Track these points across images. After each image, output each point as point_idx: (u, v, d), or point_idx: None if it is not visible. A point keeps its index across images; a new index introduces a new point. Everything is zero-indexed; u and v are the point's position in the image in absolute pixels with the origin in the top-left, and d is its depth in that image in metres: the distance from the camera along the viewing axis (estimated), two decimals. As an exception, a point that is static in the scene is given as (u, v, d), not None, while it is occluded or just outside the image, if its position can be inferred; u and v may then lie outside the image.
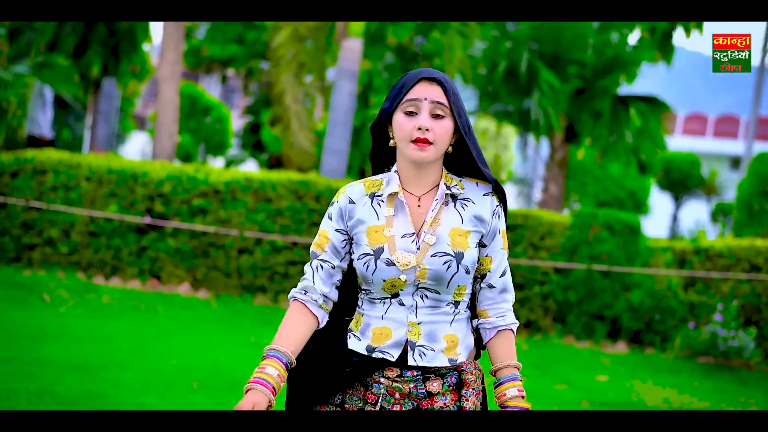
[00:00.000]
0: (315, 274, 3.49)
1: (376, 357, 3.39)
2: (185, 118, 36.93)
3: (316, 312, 3.49)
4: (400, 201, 3.45)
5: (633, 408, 10.17)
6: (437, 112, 3.38)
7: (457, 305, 3.44)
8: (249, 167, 37.67)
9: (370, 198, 3.49)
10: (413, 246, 3.39)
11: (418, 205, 3.45)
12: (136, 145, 47.39)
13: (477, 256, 3.43)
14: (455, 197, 3.47)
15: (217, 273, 14.22)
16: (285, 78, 19.01)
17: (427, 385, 3.37)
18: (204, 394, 8.58)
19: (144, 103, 53.67)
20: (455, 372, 3.41)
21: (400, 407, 3.38)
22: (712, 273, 14.32)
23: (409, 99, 3.39)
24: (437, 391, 3.37)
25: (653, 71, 21.30)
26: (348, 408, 3.42)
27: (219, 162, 40.69)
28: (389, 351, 3.39)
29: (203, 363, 9.92)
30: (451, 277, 3.36)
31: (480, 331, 3.55)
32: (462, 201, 3.46)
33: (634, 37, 19.13)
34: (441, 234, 3.39)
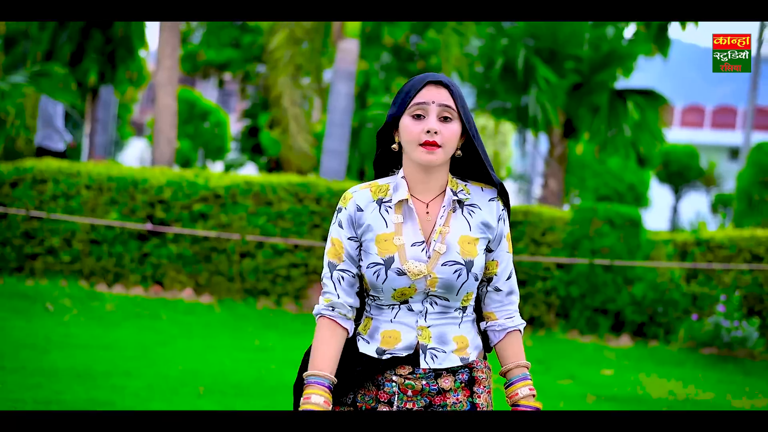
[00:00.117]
0: (338, 286, 3.47)
1: (386, 358, 3.39)
2: (183, 123, 36.95)
3: (345, 325, 3.48)
4: (408, 208, 3.44)
5: (638, 401, 10.19)
6: (445, 114, 3.38)
7: (465, 309, 3.46)
8: (248, 171, 37.69)
9: (377, 204, 3.46)
10: (423, 255, 3.38)
11: (426, 212, 3.44)
12: (134, 152, 47.43)
13: (483, 262, 3.44)
14: (462, 203, 3.46)
15: (220, 277, 14.23)
16: (282, 81, 19.00)
17: (440, 382, 3.38)
18: (210, 399, 8.59)
19: (141, 109, 53.71)
20: (466, 369, 3.43)
21: (413, 404, 3.38)
22: (713, 264, 14.33)
23: (417, 103, 3.39)
24: (449, 388, 3.39)
25: (650, 64, 21.31)
26: (360, 407, 3.42)
27: (218, 166, 40.70)
28: (399, 354, 3.39)
29: (208, 368, 9.93)
30: (462, 285, 3.37)
31: (488, 334, 3.56)
32: (469, 207, 3.46)
33: (629, 31, 19.12)
34: (450, 242, 3.39)
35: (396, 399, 3.39)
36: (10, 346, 10.07)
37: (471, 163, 3.53)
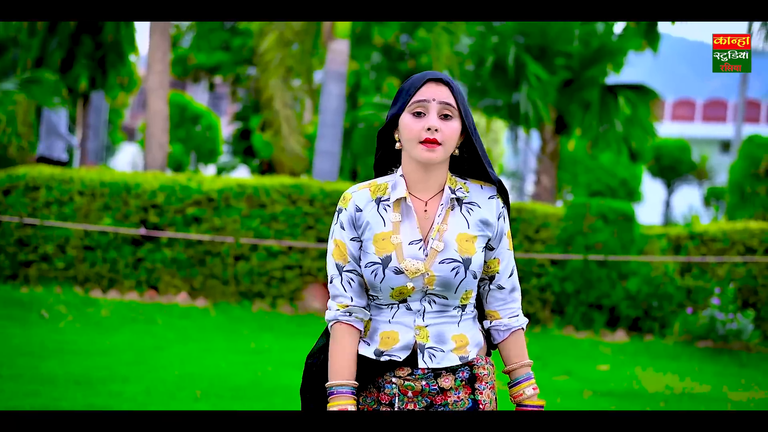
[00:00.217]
0: (349, 289, 3.45)
1: (384, 360, 3.37)
2: (174, 127, 36.93)
3: (360, 328, 3.46)
4: (407, 206, 3.42)
5: (635, 396, 10.21)
6: (445, 112, 3.37)
7: (464, 308, 3.43)
8: (240, 174, 37.68)
9: (376, 203, 3.45)
10: (421, 253, 3.37)
11: (424, 210, 3.43)
12: (126, 157, 47.37)
13: (483, 260, 3.42)
14: (460, 201, 3.45)
15: (215, 281, 14.23)
16: (273, 83, 19.02)
17: (439, 382, 3.37)
18: (207, 402, 8.60)
19: (132, 114, 53.65)
20: (466, 367, 3.41)
21: (414, 405, 3.37)
22: (707, 257, 14.36)
23: (417, 100, 3.38)
24: (450, 386, 3.37)
25: (639, 59, 21.34)
26: (362, 409, 3.41)
27: (210, 170, 40.69)
28: (397, 354, 3.37)
29: (205, 371, 9.94)
30: (460, 283, 3.36)
31: (492, 333, 3.55)
32: (467, 205, 3.44)
33: (619, 27, 19.15)
34: (448, 240, 3.38)
35: (396, 400, 3.37)
36: (6, 353, 10.07)
37: (470, 161, 3.52)
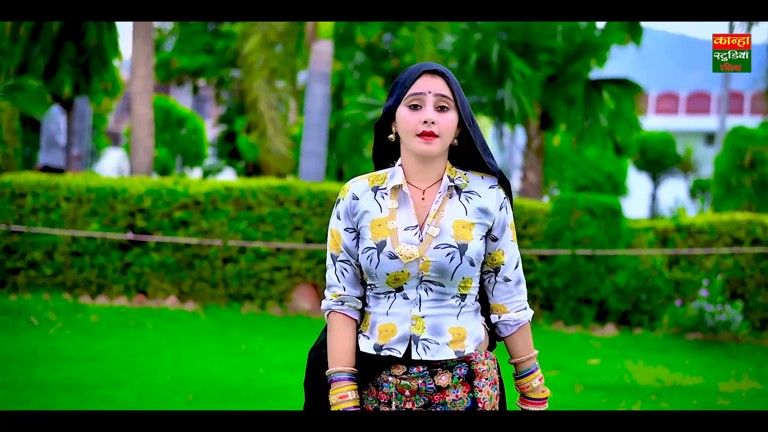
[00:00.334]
0: (342, 279, 3.48)
1: (384, 355, 3.36)
2: (159, 131, 36.89)
3: (355, 316, 3.47)
4: (403, 193, 3.42)
5: (626, 389, 10.23)
6: (441, 104, 3.36)
7: (464, 298, 3.39)
8: (226, 176, 37.65)
9: (373, 191, 3.46)
10: (416, 238, 3.35)
11: (422, 198, 3.41)
12: (111, 162, 47.30)
13: (482, 248, 3.39)
14: (460, 190, 3.43)
15: (203, 284, 14.22)
16: (257, 85, 19.01)
17: (436, 380, 3.34)
18: (200, 405, 8.59)
19: (116, 119, 53.56)
20: (464, 363, 3.36)
21: (412, 404, 3.35)
22: (695, 250, 14.40)
23: (413, 93, 3.37)
24: (447, 385, 3.34)
25: (622, 53, 21.38)
26: (365, 407, 3.40)
27: (196, 173, 40.64)
28: (395, 347, 3.35)
29: (197, 375, 9.93)
30: (455, 269, 3.32)
31: (499, 327, 3.52)
32: (467, 194, 3.42)
33: (602, 21, 19.18)
34: (444, 226, 3.35)
35: (394, 399, 3.36)
36: (-4, 361, 10.06)
37: (471, 152, 3.51)
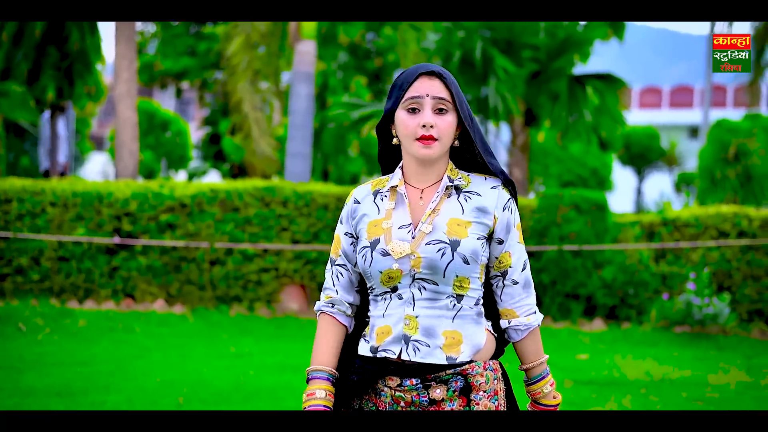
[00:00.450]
0: (336, 282, 3.49)
1: (379, 357, 3.33)
2: (143, 134, 36.84)
3: (344, 321, 3.48)
4: (400, 194, 3.41)
5: (615, 383, 10.25)
6: (440, 107, 3.33)
7: (460, 300, 3.34)
8: (212, 178, 37.60)
9: (374, 195, 3.47)
10: (409, 236, 3.33)
11: (420, 198, 3.40)
12: (96, 166, 47.18)
13: (479, 248, 3.33)
14: (460, 189, 3.40)
15: (191, 287, 14.20)
16: (241, 86, 19.00)
17: (430, 393, 3.29)
18: (191, 408, 8.58)
19: (99, 123, 53.44)
20: (460, 377, 3.30)
21: None
22: (681, 243, 14.44)
23: (411, 96, 3.34)
24: (442, 398, 3.28)
25: (605, 48, 21.41)
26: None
27: (181, 176, 40.59)
28: (390, 348, 3.32)
29: (186, 377, 9.91)
30: (447, 265, 3.27)
31: (510, 332, 3.47)
32: (466, 193, 3.39)
33: (585, 21, 19.20)
34: (438, 223, 3.32)
35: (390, 409, 3.33)
36: (-15, 368, 10.02)
37: (472, 154, 3.49)
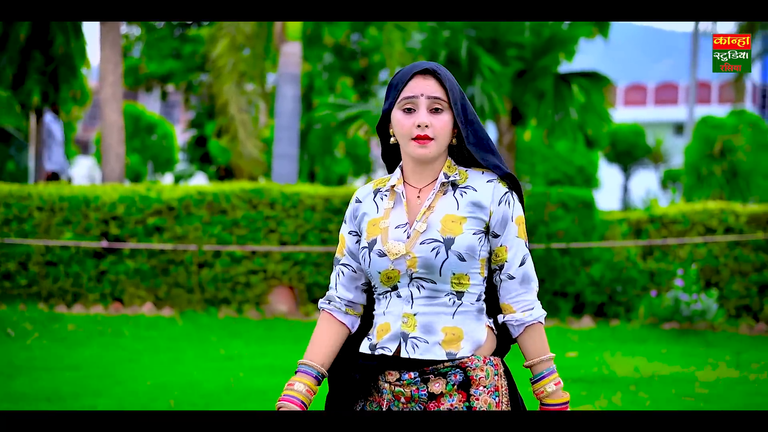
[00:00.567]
0: (337, 280, 3.51)
1: (377, 354, 3.34)
2: (129, 137, 36.76)
3: (342, 319, 3.49)
4: (398, 193, 3.42)
5: (605, 381, 10.28)
6: (435, 106, 3.33)
7: (460, 296, 3.32)
8: (198, 181, 37.56)
9: (374, 194, 3.48)
10: (404, 235, 3.33)
11: (417, 197, 3.40)
12: (82, 170, 47.09)
13: (476, 243, 3.32)
14: (456, 185, 3.39)
15: (179, 290, 14.19)
16: (227, 88, 18.98)
17: (429, 387, 3.28)
18: (182, 410, 8.57)
19: (84, 127, 53.31)
20: (459, 370, 3.29)
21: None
22: (668, 240, 14.48)
23: (406, 97, 3.34)
24: (441, 392, 3.28)
25: (589, 46, 21.44)
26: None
27: (168, 178, 40.53)
28: (387, 345, 3.33)
29: (177, 380, 9.90)
30: (442, 264, 3.27)
31: (508, 328, 3.43)
32: (462, 189, 3.37)
33: (570, 21, 19.20)
34: (432, 221, 3.32)
35: (393, 406, 3.33)
36: (-26, 374, 10.00)
37: (468, 151, 3.47)
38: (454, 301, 3.33)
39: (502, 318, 3.42)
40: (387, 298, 3.39)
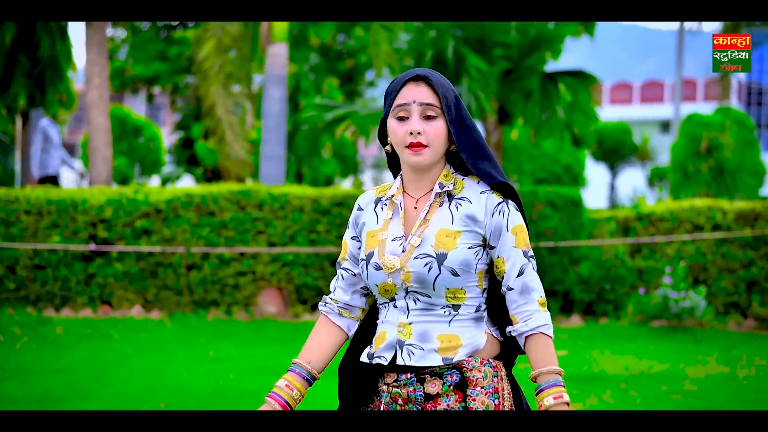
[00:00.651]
0: (336, 284, 3.54)
1: (374, 363, 3.36)
2: (116, 140, 36.68)
3: (336, 321, 3.51)
4: (396, 204, 3.42)
5: (595, 379, 10.30)
6: (428, 113, 3.31)
7: (456, 309, 3.32)
8: (185, 183, 37.51)
9: (375, 203, 3.48)
10: (400, 249, 3.33)
11: (414, 207, 3.39)
12: (68, 173, 46.95)
13: (472, 257, 3.29)
14: (452, 196, 3.37)
15: (168, 292, 14.17)
16: (214, 90, 18.96)
17: (426, 387, 3.29)
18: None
19: (70, 131, 53.21)
20: (456, 371, 3.29)
21: None
22: (656, 237, 14.51)
23: (398, 104, 3.33)
24: (437, 392, 3.28)
25: (575, 44, 21.48)
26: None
27: (155, 181, 40.46)
28: (383, 354, 3.35)
29: (167, 383, 9.90)
30: (435, 280, 3.26)
31: (517, 339, 3.40)
32: (458, 200, 3.35)
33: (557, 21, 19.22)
34: (427, 235, 3.30)
35: (390, 409, 3.34)
36: (-37, 379, 9.97)
37: (460, 159, 3.46)
38: (449, 312, 3.32)
39: (508, 329, 3.40)
40: (386, 308, 3.40)
